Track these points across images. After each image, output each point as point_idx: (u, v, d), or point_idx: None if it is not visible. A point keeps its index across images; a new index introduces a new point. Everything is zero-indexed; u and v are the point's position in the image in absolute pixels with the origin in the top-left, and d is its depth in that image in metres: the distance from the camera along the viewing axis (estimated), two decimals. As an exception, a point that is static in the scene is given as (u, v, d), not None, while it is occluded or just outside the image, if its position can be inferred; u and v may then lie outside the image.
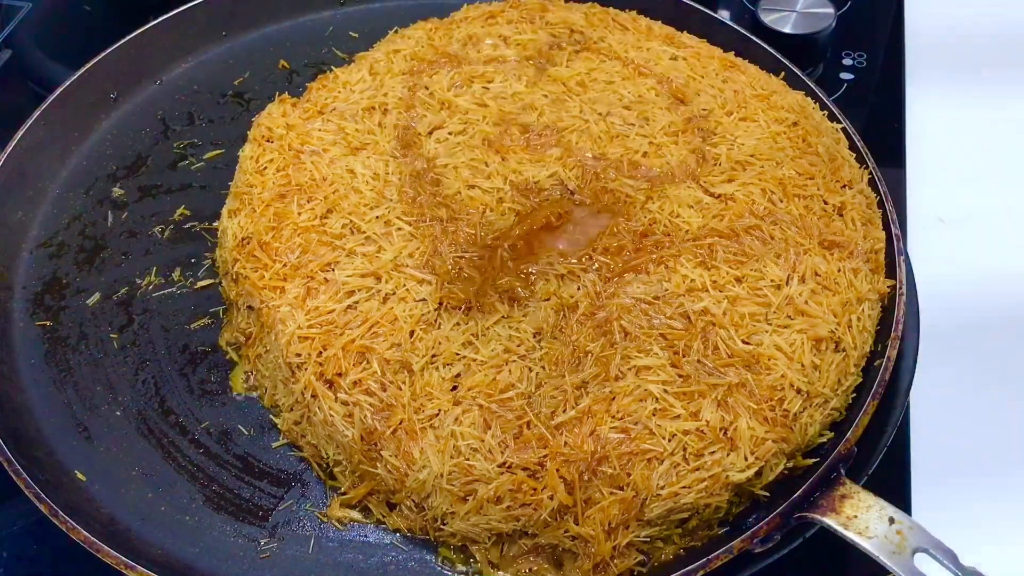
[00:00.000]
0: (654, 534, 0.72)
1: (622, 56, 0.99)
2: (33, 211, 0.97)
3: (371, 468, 0.75)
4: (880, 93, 1.19)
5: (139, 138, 1.05)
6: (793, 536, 0.72)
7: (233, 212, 0.90)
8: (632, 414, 0.73)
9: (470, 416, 0.73)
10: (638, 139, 0.90)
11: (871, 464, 0.76)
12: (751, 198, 0.85)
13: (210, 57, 1.12)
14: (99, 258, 0.95)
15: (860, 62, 1.21)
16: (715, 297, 0.78)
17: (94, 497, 0.79)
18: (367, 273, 0.81)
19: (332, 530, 0.78)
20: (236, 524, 0.78)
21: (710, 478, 0.71)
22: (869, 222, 0.87)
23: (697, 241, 0.82)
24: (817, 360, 0.77)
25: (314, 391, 0.77)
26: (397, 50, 1.01)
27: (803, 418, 0.75)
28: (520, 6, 1.05)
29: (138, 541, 0.76)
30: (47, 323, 0.90)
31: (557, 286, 0.79)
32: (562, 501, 0.71)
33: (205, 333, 0.89)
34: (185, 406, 0.85)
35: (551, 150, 0.89)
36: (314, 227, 0.85)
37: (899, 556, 0.66)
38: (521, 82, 0.96)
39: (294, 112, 0.96)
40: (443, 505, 0.73)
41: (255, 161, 0.92)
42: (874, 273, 0.84)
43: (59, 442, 0.82)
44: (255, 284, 0.83)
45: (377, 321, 0.78)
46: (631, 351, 0.76)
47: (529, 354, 0.76)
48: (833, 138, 0.93)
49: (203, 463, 0.81)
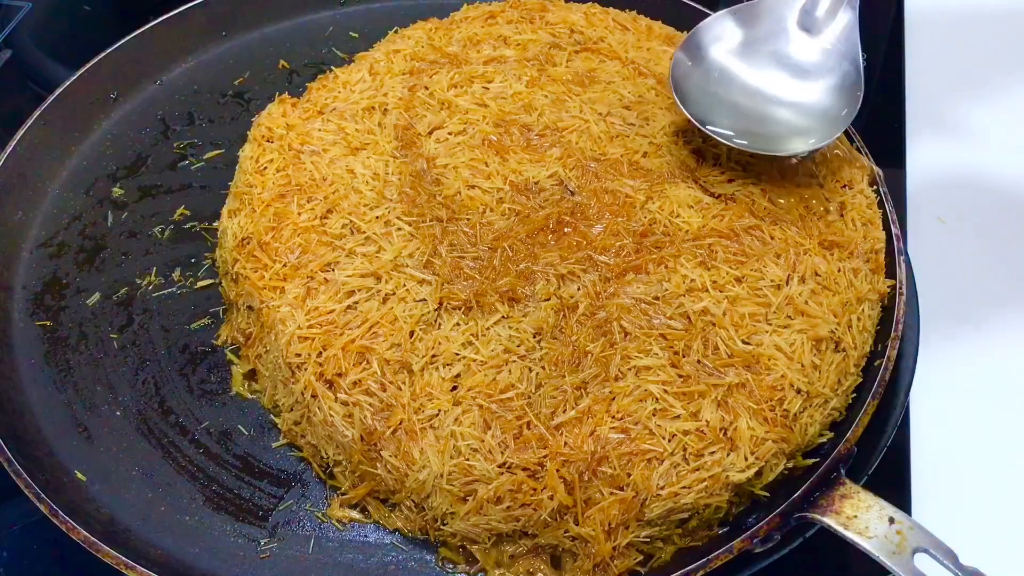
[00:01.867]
0: (654, 534, 0.72)
1: (622, 56, 0.99)
2: (33, 211, 0.98)
3: (371, 468, 0.75)
4: (880, 93, 1.19)
5: (139, 138, 1.05)
6: (793, 536, 0.72)
7: (233, 212, 0.90)
8: (632, 414, 0.73)
9: (470, 416, 0.73)
10: (638, 139, 0.90)
11: (871, 464, 0.76)
12: (751, 198, 0.85)
13: (210, 57, 1.13)
14: (99, 258, 0.95)
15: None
16: (715, 297, 0.78)
17: (94, 497, 0.79)
18: (367, 273, 0.81)
19: (332, 530, 0.78)
20: (236, 524, 0.78)
21: (710, 478, 0.71)
22: (869, 222, 0.87)
23: (697, 241, 0.82)
24: (817, 360, 0.77)
25: (314, 391, 0.77)
26: (397, 50, 1.01)
27: (803, 418, 0.75)
28: (520, 6, 1.05)
29: (138, 541, 0.76)
30: (47, 323, 0.90)
31: (557, 286, 0.79)
32: (562, 501, 0.71)
33: (205, 333, 0.89)
34: (185, 406, 0.85)
35: (551, 150, 0.89)
36: (314, 227, 0.85)
37: (899, 556, 0.66)
38: (521, 82, 0.96)
39: (294, 112, 0.96)
40: (443, 505, 0.73)
41: (255, 161, 0.92)
42: (874, 273, 0.84)
43: (59, 442, 0.82)
44: (255, 284, 0.83)
45: (377, 321, 0.78)
46: (631, 351, 0.76)
47: (529, 354, 0.76)
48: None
49: (203, 463, 0.81)
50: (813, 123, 0.80)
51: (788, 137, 0.80)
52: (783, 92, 0.81)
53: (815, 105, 0.80)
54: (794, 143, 0.80)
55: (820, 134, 0.80)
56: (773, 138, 0.80)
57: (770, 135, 0.81)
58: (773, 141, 0.80)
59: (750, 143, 0.80)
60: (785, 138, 0.81)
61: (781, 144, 0.81)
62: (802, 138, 0.80)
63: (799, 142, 0.80)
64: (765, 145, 0.80)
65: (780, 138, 0.81)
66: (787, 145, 0.81)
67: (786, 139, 0.80)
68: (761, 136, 0.80)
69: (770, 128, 0.81)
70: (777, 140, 0.81)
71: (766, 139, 0.80)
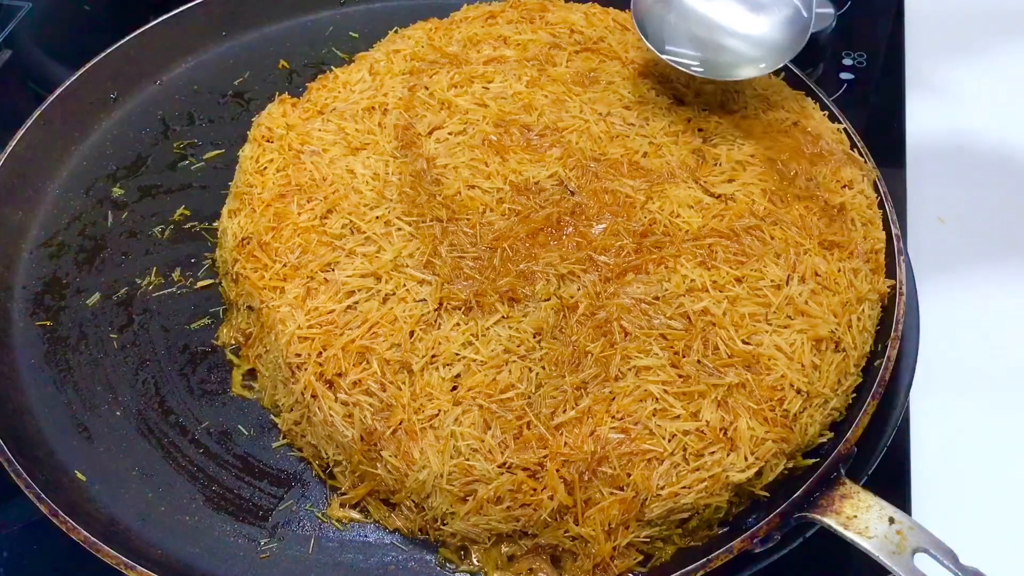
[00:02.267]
0: (654, 534, 0.72)
1: (622, 56, 0.99)
2: (33, 211, 0.97)
3: (371, 468, 0.75)
4: (880, 93, 1.19)
5: (139, 138, 1.05)
6: (793, 536, 0.72)
7: (233, 212, 0.90)
8: (632, 414, 0.73)
9: (470, 416, 0.73)
10: (638, 139, 0.91)
11: (871, 464, 0.76)
12: (751, 198, 0.85)
13: (210, 57, 1.13)
14: (99, 258, 0.95)
15: (860, 62, 1.21)
16: (715, 297, 0.78)
17: (94, 497, 0.79)
18: (367, 273, 0.81)
19: (332, 530, 0.78)
20: (236, 524, 0.78)
21: (710, 478, 0.71)
22: (869, 222, 0.87)
23: (697, 241, 0.82)
24: (817, 360, 0.77)
25: (314, 391, 0.77)
26: (397, 50, 1.01)
27: (803, 418, 0.75)
28: (520, 6, 1.05)
29: (138, 541, 0.76)
30: (47, 323, 0.90)
31: (557, 286, 0.79)
32: (562, 501, 0.71)
33: (205, 333, 0.89)
34: (185, 406, 0.85)
35: (551, 150, 0.89)
36: (314, 227, 0.85)
37: (899, 556, 0.66)
38: (521, 82, 0.96)
39: (294, 112, 0.96)
40: (443, 505, 0.73)
41: (255, 161, 0.92)
42: (874, 273, 0.84)
43: (59, 442, 0.82)
44: (255, 284, 0.83)
45: (377, 321, 0.78)
46: (631, 351, 0.76)
47: (529, 354, 0.76)
48: (834, 138, 0.93)
49: (203, 463, 0.81)
50: (763, 52, 0.91)
51: (741, 65, 0.91)
52: (737, 25, 0.91)
53: (764, 36, 0.91)
54: (746, 70, 0.91)
55: (769, 62, 0.90)
56: (727, 66, 0.91)
57: (724, 63, 0.91)
58: (727, 68, 0.91)
59: (706, 71, 0.91)
60: (738, 66, 0.91)
61: (734, 71, 0.91)
62: (753, 65, 0.91)
63: (751, 68, 0.91)
64: (720, 72, 0.91)
65: (733, 66, 0.91)
66: (739, 71, 0.91)
67: (739, 67, 0.91)
68: (717, 64, 0.91)
69: (724, 57, 0.91)
70: (731, 68, 0.91)
71: (721, 67, 0.91)
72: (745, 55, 0.91)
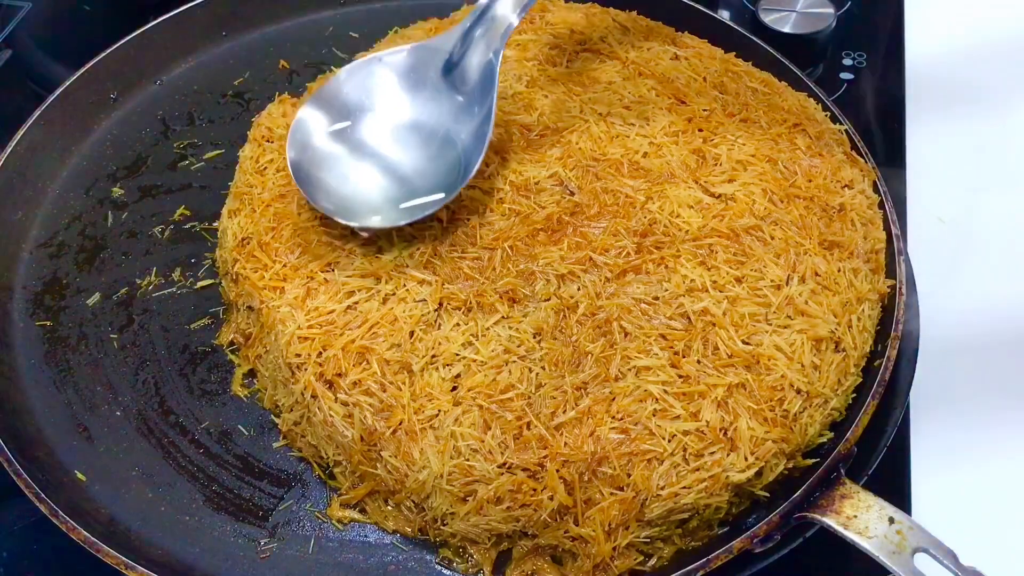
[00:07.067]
0: (654, 534, 0.72)
1: (622, 56, 0.99)
2: (33, 211, 0.97)
3: (371, 468, 0.75)
4: (880, 93, 1.19)
5: (139, 138, 1.05)
6: (793, 536, 0.72)
7: (233, 212, 0.90)
8: (632, 414, 0.73)
9: (470, 417, 0.73)
10: (638, 139, 0.90)
11: (871, 464, 0.76)
12: (751, 198, 0.85)
13: (210, 57, 1.13)
14: (99, 258, 0.95)
15: (860, 62, 1.21)
16: (715, 297, 0.78)
17: (94, 497, 0.79)
18: (367, 273, 0.81)
19: (332, 530, 0.78)
20: (236, 524, 0.78)
21: (710, 478, 0.71)
22: (869, 222, 0.87)
23: (697, 241, 0.82)
24: (817, 360, 0.77)
25: (314, 391, 0.77)
26: (397, 50, 1.01)
27: (803, 418, 0.75)
28: (520, 6, 1.05)
29: (138, 541, 0.76)
30: (47, 323, 0.90)
31: (557, 286, 0.79)
32: (562, 502, 0.71)
33: (205, 333, 0.89)
34: (185, 406, 0.85)
35: (551, 150, 0.89)
36: (314, 227, 0.85)
37: (899, 556, 0.66)
38: (521, 82, 0.96)
39: (294, 112, 0.96)
40: (443, 505, 0.73)
41: (255, 161, 0.92)
42: (874, 273, 0.84)
43: (59, 442, 0.82)
44: (255, 284, 0.83)
45: (377, 321, 0.78)
46: (631, 351, 0.76)
47: (529, 354, 0.76)
48: (834, 139, 0.93)
49: (203, 463, 0.81)
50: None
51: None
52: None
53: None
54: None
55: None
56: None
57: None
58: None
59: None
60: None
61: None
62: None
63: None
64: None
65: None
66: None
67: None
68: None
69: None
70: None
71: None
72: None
